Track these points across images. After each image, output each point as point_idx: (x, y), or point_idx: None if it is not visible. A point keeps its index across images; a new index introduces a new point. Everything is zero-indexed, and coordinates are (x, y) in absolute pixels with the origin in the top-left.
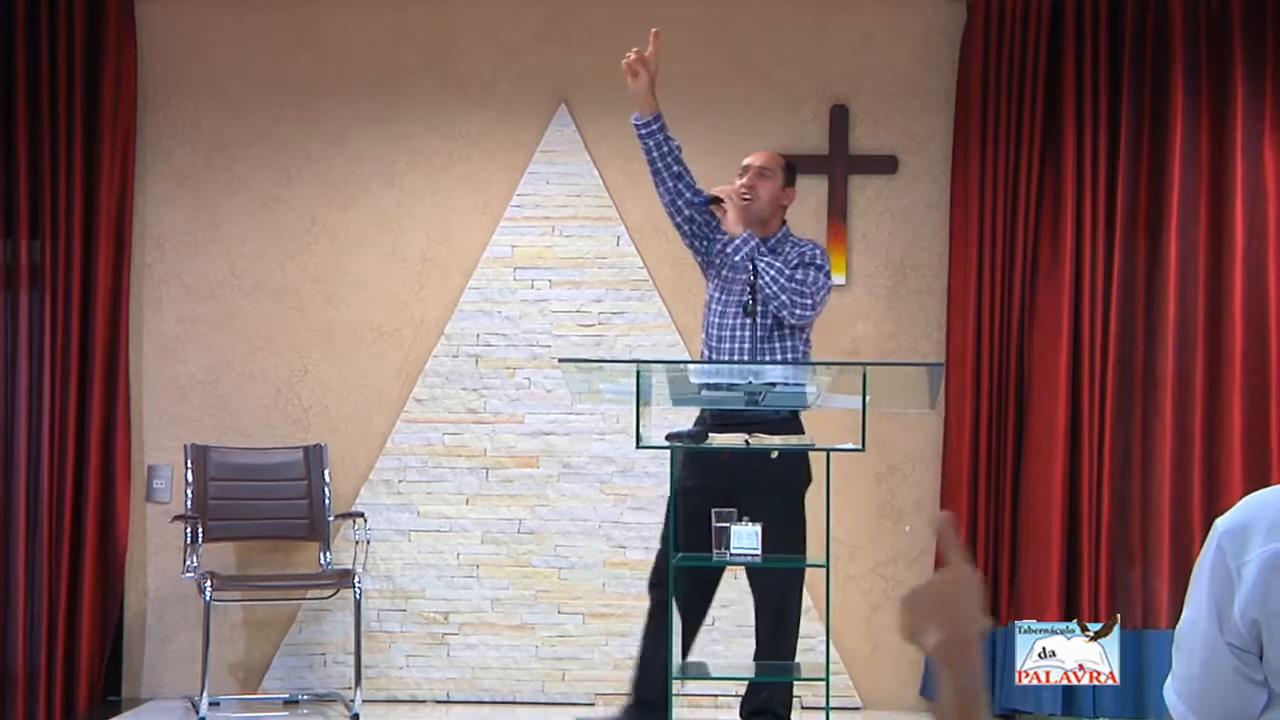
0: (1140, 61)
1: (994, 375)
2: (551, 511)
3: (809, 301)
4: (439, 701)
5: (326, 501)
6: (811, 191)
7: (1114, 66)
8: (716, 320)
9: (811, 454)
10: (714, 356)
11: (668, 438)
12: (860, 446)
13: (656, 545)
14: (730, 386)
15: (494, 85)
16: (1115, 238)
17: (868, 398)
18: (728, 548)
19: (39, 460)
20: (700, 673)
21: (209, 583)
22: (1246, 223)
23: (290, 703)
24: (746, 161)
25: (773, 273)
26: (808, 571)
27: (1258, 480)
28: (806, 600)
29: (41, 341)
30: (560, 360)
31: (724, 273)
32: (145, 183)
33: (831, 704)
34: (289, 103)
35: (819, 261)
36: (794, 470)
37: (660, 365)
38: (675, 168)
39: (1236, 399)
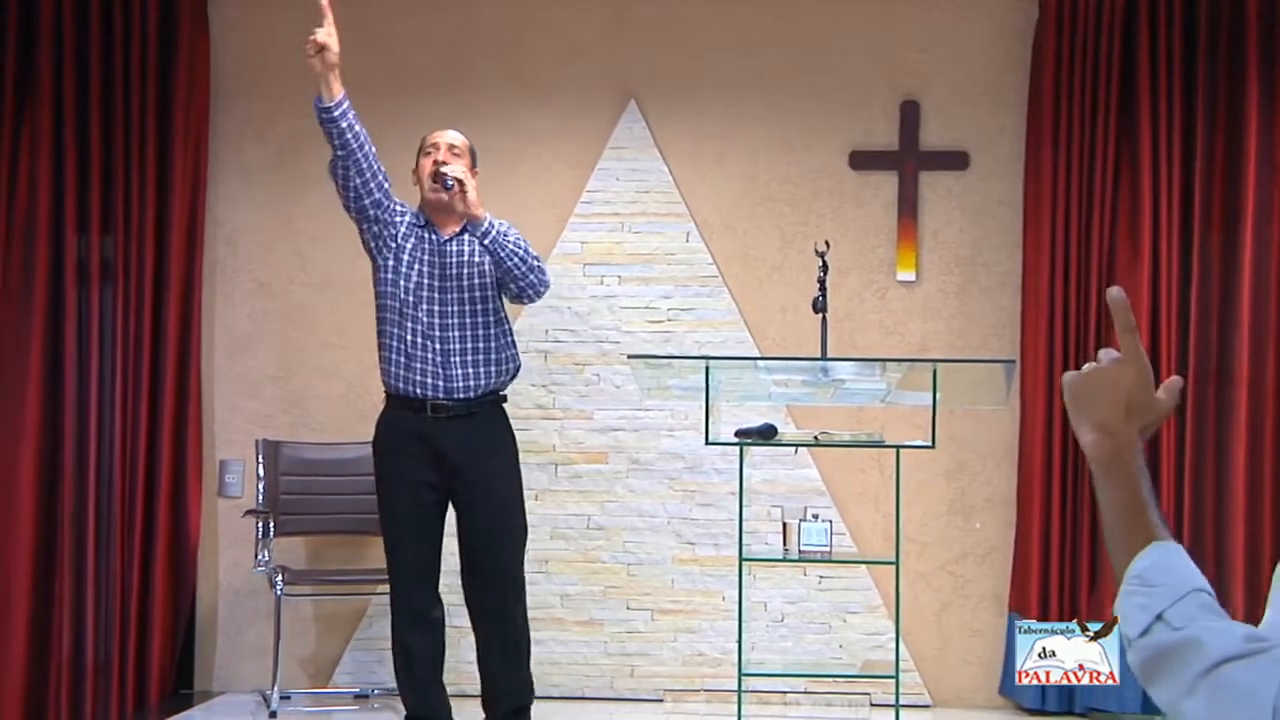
0: (1214, 57)
1: None
2: (620, 507)
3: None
4: None
5: None
6: (882, 187)
7: (1188, 63)
8: (415, 305)
9: (881, 450)
10: (412, 340)
11: (737, 434)
12: (931, 443)
13: (724, 542)
14: None
15: (563, 82)
16: (1192, 235)
17: (938, 395)
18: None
19: (111, 455)
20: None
21: (280, 577)
22: None
23: (360, 697)
24: (436, 139)
25: (522, 250)
26: (879, 568)
27: None
28: (877, 598)
29: (114, 337)
30: (629, 356)
31: (394, 264)
32: (217, 180)
33: (901, 702)
34: (358, 100)
35: None
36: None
37: (729, 361)
38: (369, 146)
39: None
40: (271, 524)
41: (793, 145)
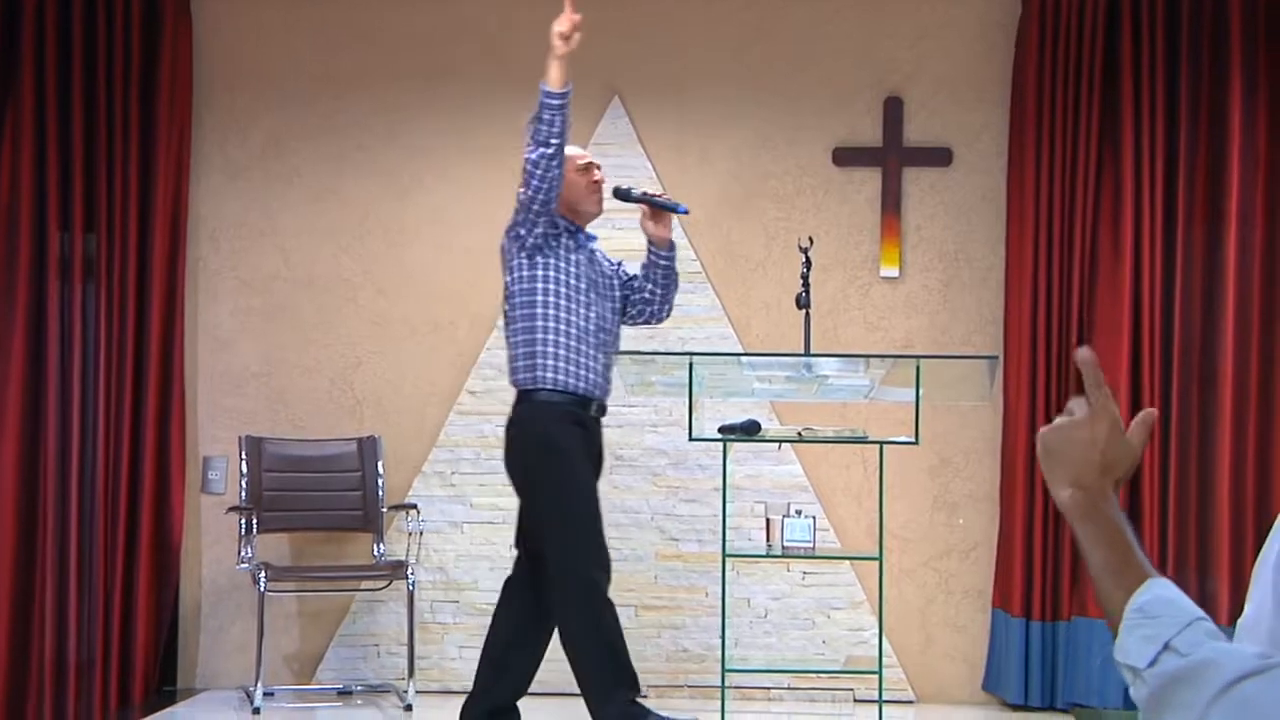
0: (1197, 53)
1: (1052, 369)
2: (604, 503)
3: None
4: None
5: (380, 493)
6: (865, 184)
7: (1171, 58)
8: (580, 309)
9: (864, 446)
10: (578, 346)
11: (720, 430)
12: (914, 439)
13: (708, 538)
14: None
15: None
16: (1175, 230)
17: (922, 391)
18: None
19: (94, 452)
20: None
21: (263, 574)
22: None
23: (344, 693)
24: (588, 155)
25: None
26: (862, 564)
27: None
28: (860, 594)
29: (97, 334)
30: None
31: (562, 264)
32: (200, 176)
33: (885, 697)
34: (343, 96)
35: None
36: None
37: (713, 358)
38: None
39: None
40: (255, 520)
41: (776, 141)
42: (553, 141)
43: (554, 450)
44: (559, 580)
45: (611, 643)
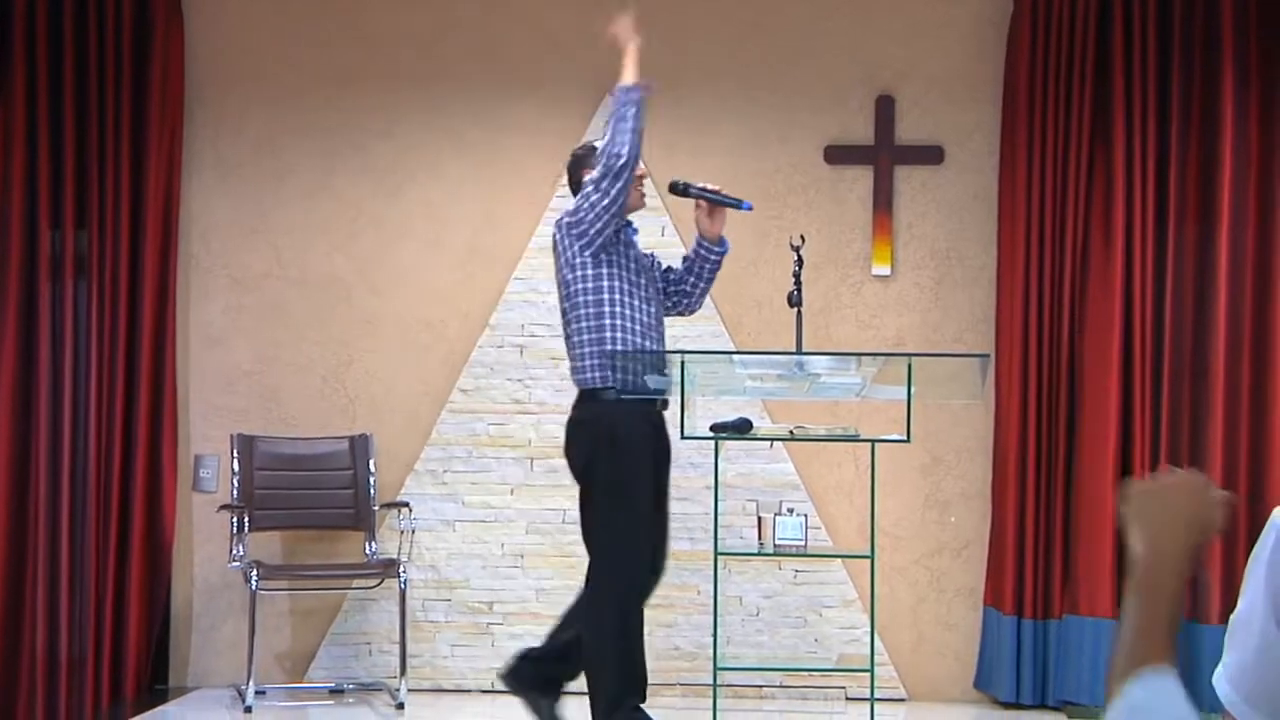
0: (1189, 52)
1: (1044, 367)
2: None
3: None
4: (483, 691)
5: (372, 491)
6: (857, 182)
7: (1163, 56)
8: (641, 305)
9: (856, 444)
10: (642, 343)
11: (712, 428)
12: (905, 437)
13: (700, 536)
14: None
15: (539, 76)
16: (1167, 229)
17: (913, 389)
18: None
19: (86, 450)
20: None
21: (255, 572)
22: None
23: (336, 692)
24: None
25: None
26: (854, 562)
27: None
28: (852, 592)
29: (88, 332)
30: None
31: (624, 261)
32: (192, 173)
33: (876, 695)
34: (335, 94)
35: None
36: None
37: (704, 356)
38: None
39: (1279, 391)
40: (246, 519)
41: (768, 139)
42: (634, 140)
43: (621, 450)
44: (597, 577)
45: (632, 649)
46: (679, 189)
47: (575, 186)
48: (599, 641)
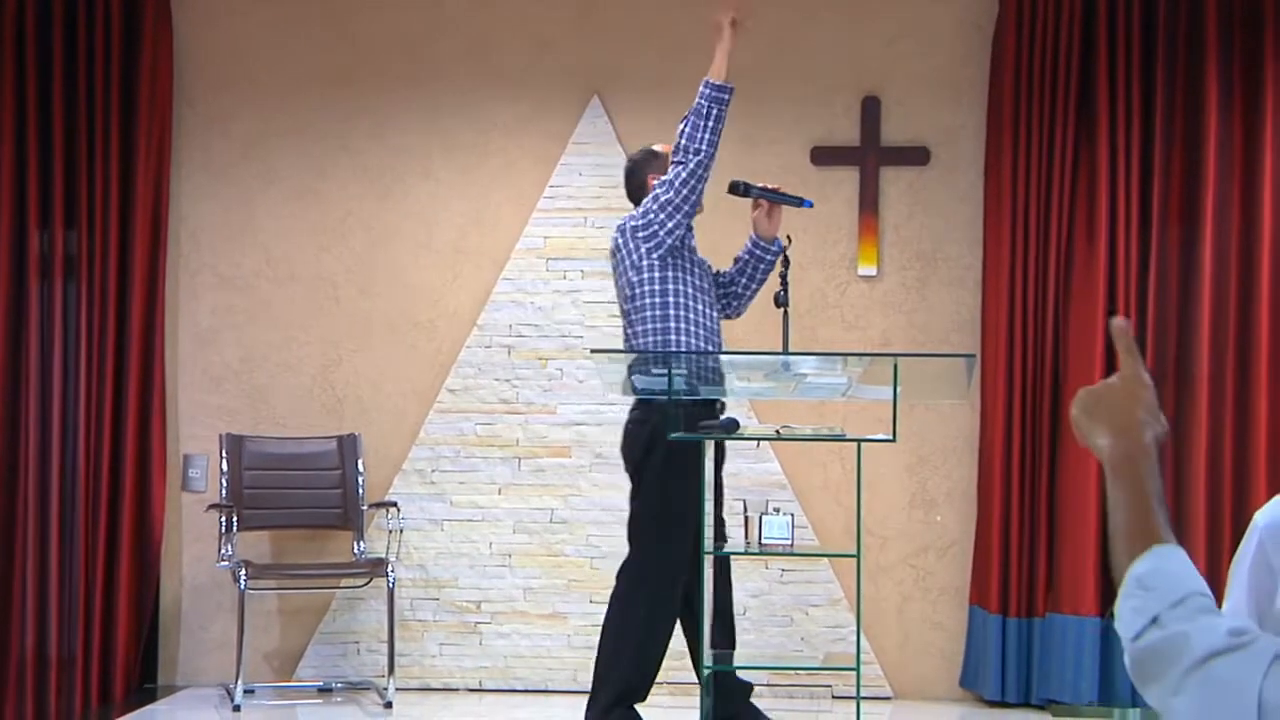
0: (1173, 53)
1: (1029, 367)
2: (583, 501)
3: None
4: (471, 690)
5: (360, 491)
6: (843, 183)
7: (1146, 59)
8: (704, 309)
9: (842, 444)
10: (694, 344)
11: (700, 428)
12: (892, 437)
13: None
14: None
15: (528, 78)
16: (1150, 228)
17: (899, 389)
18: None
19: (75, 450)
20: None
21: (244, 571)
22: (1276, 214)
23: (324, 690)
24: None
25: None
26: (840, 561)
27: None
28: (838, 591)
29: (78, 332)
30: (593, 351)
31: (688, 265)
32: (181, 174)
33: (863, 694)
34: (324, 95)
35: None
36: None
37: (691, 357)
38: None
39: (1263, 393)
40: (235, 518)
41: (755, 141)
42: (716, 140)
43: (680, 453)
44: (636, 571)
45: (654, 649)
46: (739, 189)
47: (635, 191)
48: (621, 634)
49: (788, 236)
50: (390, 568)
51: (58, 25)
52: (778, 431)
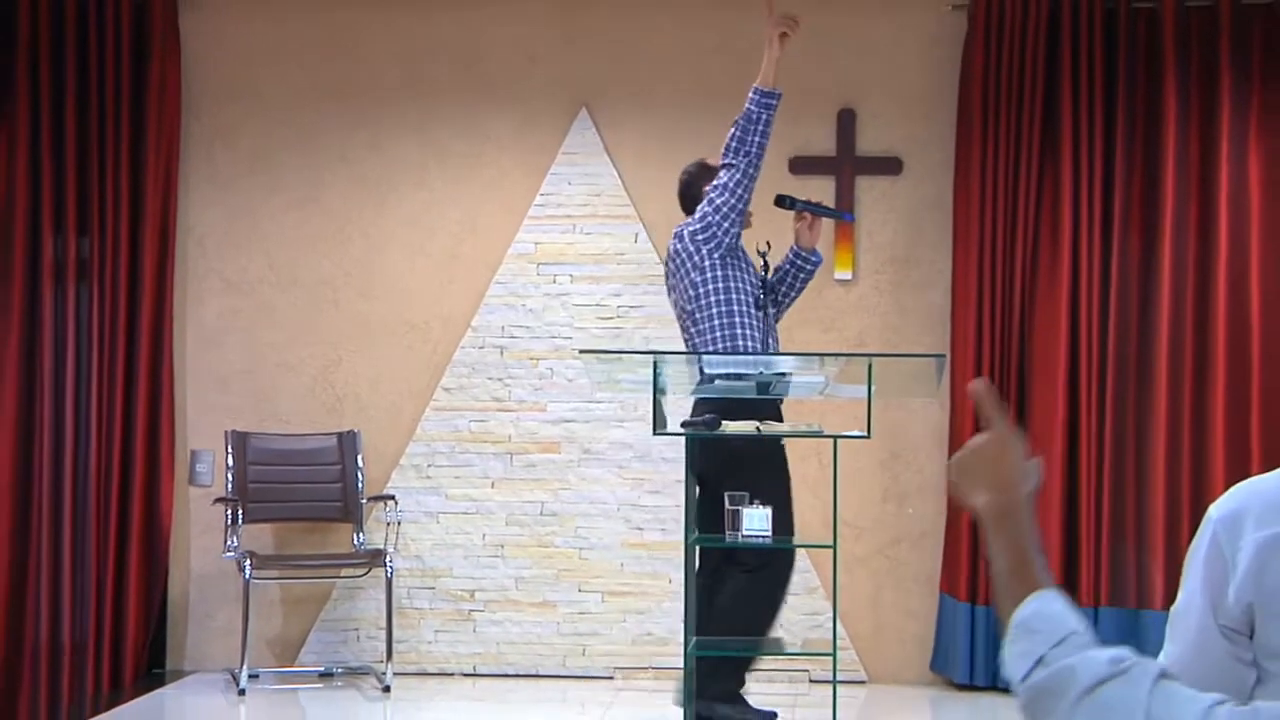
0: (1134, 68)
1: (995, 366)
2: (572, 495)
3: None
4: (466, 674)
5: (359, 485)
6: (820, 191)
7: (1109, 72)
8: (754, 313)
9: (820, 441)
10: (757, 347)
11: (683, 425)
12: (866, 433)
13: (671, 527)
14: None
15: (519, 92)
16: (1112, 236)
17: (873, 387)
18: (738, 529)
19: (87, 447)
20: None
21: (248, 562)
22: (1231, 223)
23: (325, 675)
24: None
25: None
26: (817, 552)
27: (1238, 465)
28: (815, 580)
29: (90, 334)
30: (581, 351)
31: (744, 266)
32: (188, 184)
33: (838, 678)
34: (325, 108)
35: None
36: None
37: (676, 356)
38: None
39: (1220, 391)
40: (240, 511)
41: None
42: (764, 144)
43: (775, 447)
44: (762, 566)
45: (769, 638)
46: (786, 203)
47: (689, 202)
48: (743, 624)
49: (767, 243)
50: (388, 558)
51: (71, 43)
52: (758, 428)
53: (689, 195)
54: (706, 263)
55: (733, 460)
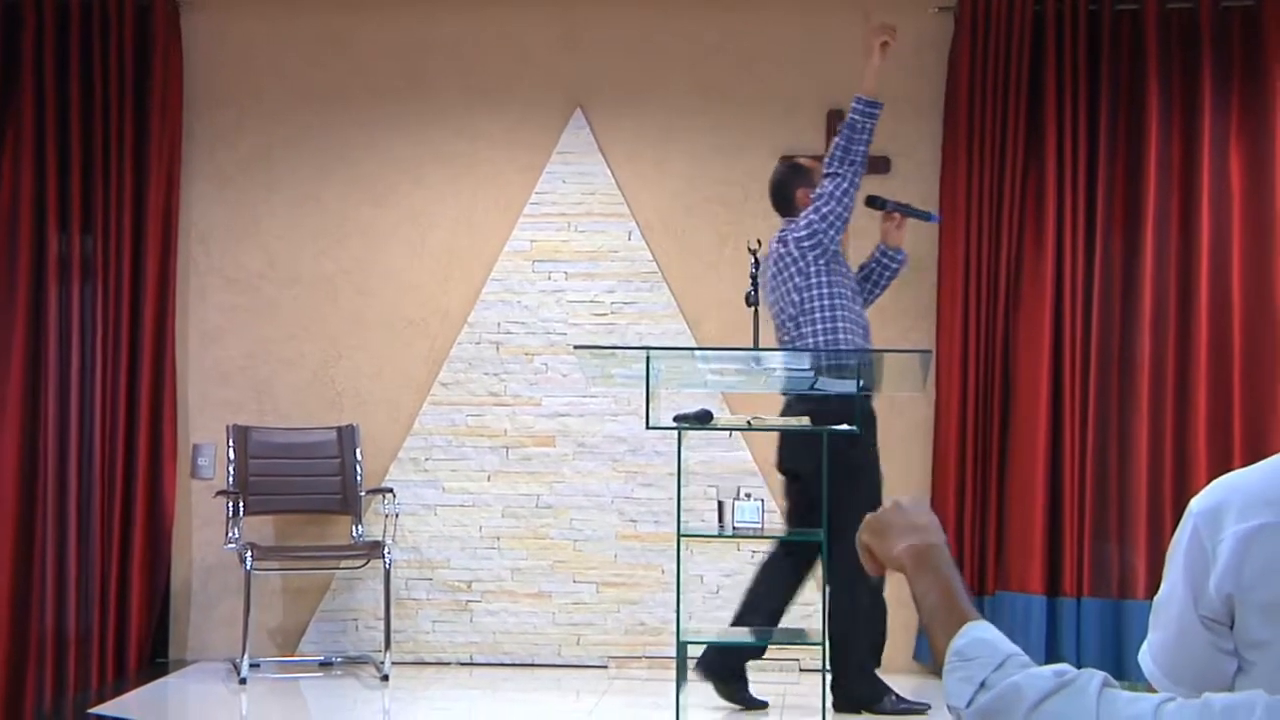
0: (1117, 69)
1: (981, 362)
2: (567, 487)
3: None
4: (462, 664)
5: (358, 478)
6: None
7: (1092, 74)
8: (855, 309)
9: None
10: (856, 341)
11: (675, 419)
12: (855, 427)
13: (664, 519)
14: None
15: (514, 91)
16: (1095, 234)
17: (861, 382)
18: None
19: (91, 440)
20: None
21: (249, 553)
22: (1213, 221)
23: (325, 664)
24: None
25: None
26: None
27: (1220, 459)
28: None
29: (93, 330)
30: (576, 347)
31: (843, 269)
32: (190, 182)
33: (827, 667)
34: (324, 108)
35: None
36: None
37: (668, 352)
38: None
39: (1202, 385)
40: (241, 504)
41: (727, 150)
42: (866, 152)
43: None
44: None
45: (879, 621)
46: (877, 204)
47: (783, 203)
48: (853, 616)
49: (758, 240)
50: (386, 549)
51: (74, 45)
52: (749, 422)
53: (781, 195)
54: (812, 269)
55: (832, 461)
